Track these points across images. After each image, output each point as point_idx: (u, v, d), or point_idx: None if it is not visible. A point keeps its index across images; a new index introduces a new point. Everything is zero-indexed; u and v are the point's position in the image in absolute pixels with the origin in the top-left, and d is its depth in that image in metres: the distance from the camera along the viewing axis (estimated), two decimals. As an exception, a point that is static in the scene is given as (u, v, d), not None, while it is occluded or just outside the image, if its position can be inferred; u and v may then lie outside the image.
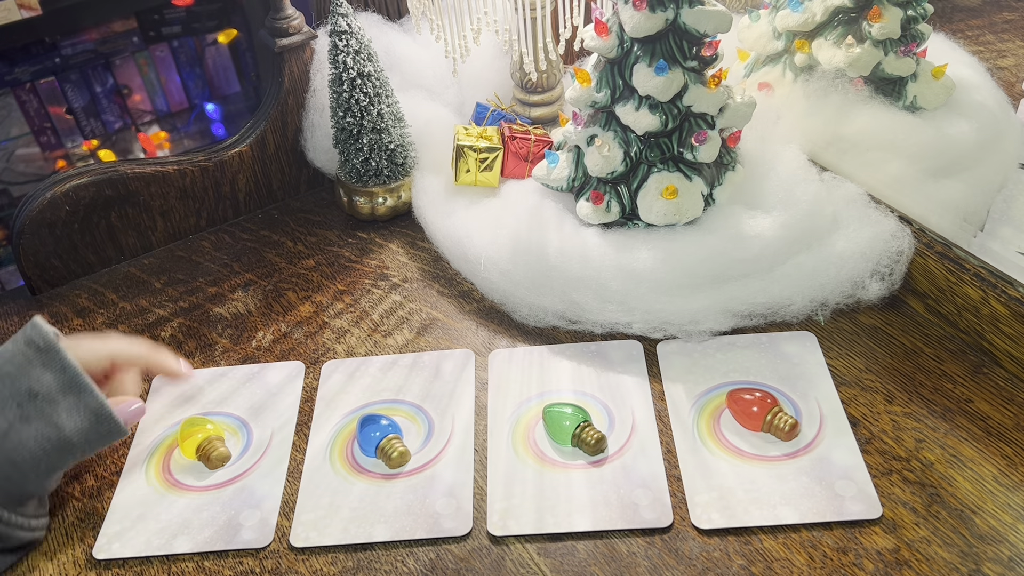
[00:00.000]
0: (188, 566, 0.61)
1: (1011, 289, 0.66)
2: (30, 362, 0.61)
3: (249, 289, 0.84)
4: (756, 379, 0.69)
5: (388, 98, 0.84)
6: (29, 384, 0.60)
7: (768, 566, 0.57)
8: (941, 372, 0.69)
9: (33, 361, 0.61)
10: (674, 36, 0.71)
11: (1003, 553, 0.57)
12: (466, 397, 0.70)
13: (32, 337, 0.62)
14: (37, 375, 0.61)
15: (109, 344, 0.67)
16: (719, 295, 0.72)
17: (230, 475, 0.66)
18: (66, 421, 0.60)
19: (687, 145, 0.73)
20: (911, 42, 0.78)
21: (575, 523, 0.60)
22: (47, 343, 0.61)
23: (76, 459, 0.62)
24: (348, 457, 0.67)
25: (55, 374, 0.61)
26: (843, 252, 0.73)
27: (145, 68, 1.97)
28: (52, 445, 0.60)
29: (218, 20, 1.99)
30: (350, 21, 0.80)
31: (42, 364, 0.61)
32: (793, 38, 0.83)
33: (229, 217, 0.92)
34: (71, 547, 0.63)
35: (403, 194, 0.88)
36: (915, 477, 0.62)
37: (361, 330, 0.78)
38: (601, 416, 0.68)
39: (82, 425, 0.61)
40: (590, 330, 0.74)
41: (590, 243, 0.74)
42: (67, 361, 0.61)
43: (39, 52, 1.87)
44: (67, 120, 1.93)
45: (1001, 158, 0.77)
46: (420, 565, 0.60)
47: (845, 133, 0.79)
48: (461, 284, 0.81)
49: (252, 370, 0.75)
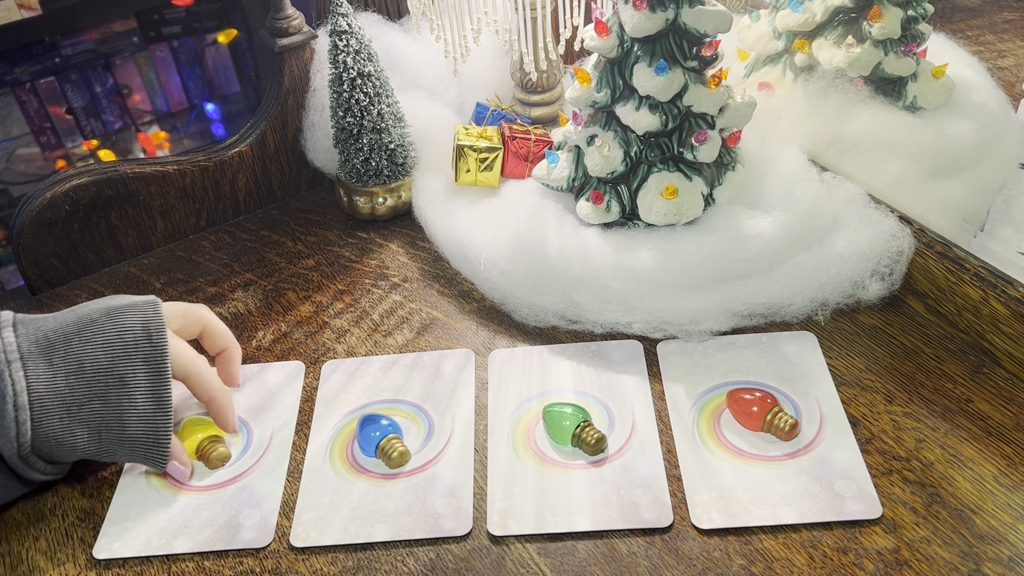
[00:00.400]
0: (188, 566, 0.61)
1: (1011, 289, 0.66)
2: (137, 346, 0.61)
3: (249, 289, 0.84)
4: (756, 379, 0.69)
5: (388, 98, 0.84)
6: (125, 369, 0.61)
7: (768, 566, 0.57)
8: (941, 372, 0.69)
9: (140, 347, 0.62)
10: (674, 36, 0.71)
11: (1003, 553, 0.57)
12: (466, 397, 0.70)
13: (150, 327, 0.62)
14: (135, 366, 0.61)
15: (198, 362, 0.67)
16: (719, 295, 0.72)
17: (230, 475, 0.66)
18: (130, 429, 0.61)
19: (687, 145, 0.73)
20: (911, 42, 0.78)
21: (575, 523, 0.60)
22: (159, 341, 0.62)
23: (111, 460, 0.64)
24: (348, 457, 0.67)
25: (148, 375, 0.62)
26: (843, 252, 0.73)
27: (145, 68, 1.97)
28: (108, 437, 0.61)
29: (218, 20, 1.99)
30: (350, 21, 0.80)
31: (144, 358, 0.62)
32: (793, 38, 0.83)
33: (229, 217, 0.92)
34: (71, 547, 0.63)
35: (403, 194, 0.88)
36: (915, 477, 0.62)
37: (361, 330, 0.78)
38: (601, 416, 0.68)
39: (139, 437, 0.62)
40: (590, 330, 0.74)
41: (590, 243, 0.74)
42: (165, 369, 0.62)
43: (39, 52, 1.87)
44: (67, 120, 1.93)
45: (1001, 158, 0.77)
46: (420, 565, 0.60)
47: (845, 133, 0.79)
48: (461, 284, 0.81)
49: (252, 370, 0.75)
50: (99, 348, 0.61)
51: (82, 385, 0.60)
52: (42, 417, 0.59)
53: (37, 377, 0.59)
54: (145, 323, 0.62)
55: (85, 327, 0.61)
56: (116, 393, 0.61)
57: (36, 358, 0.60)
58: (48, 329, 0.61)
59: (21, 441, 0.59)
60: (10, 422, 0.58)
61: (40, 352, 0.60)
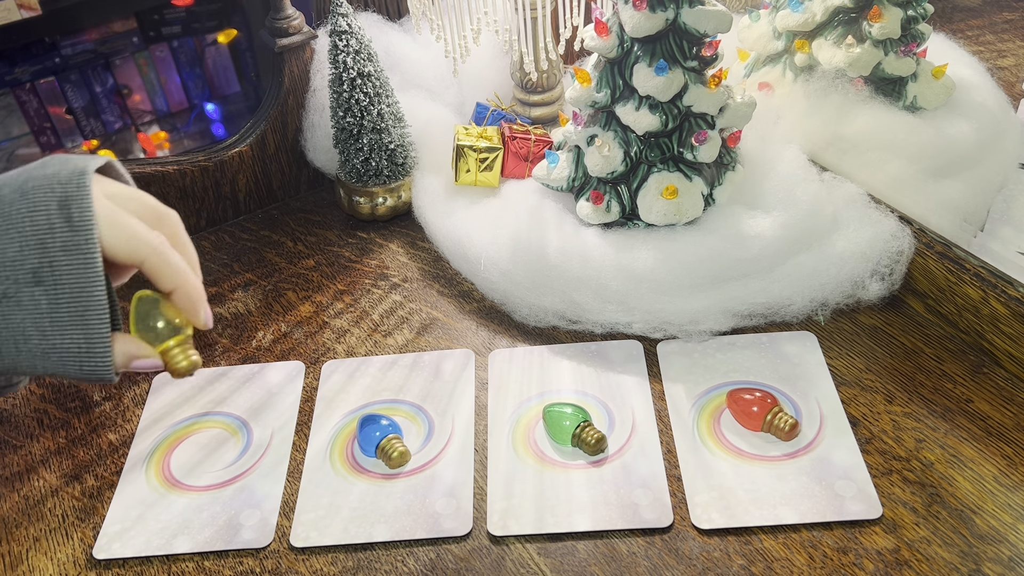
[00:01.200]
0: (188, 566, 0.61)
1: (1011, 289, 0.66)
2: (53, 231, 0.48)
3: (249, 289, 0.84)
4: (756, 379, 0.69)
5: (388, 98, 0.84)
6: (38, 263, 0.48)
7: (768, 566, 0.57)
8: (941, 372, 0.69)
9: (58, 232, 0.48)
10: (674, 36, 0.71)
11: (1003, 553, 0.57)
12: (466, 397, 0.70)
13: (71, 204, 0.48)
14: (52, 257, 0.48)
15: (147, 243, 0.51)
16: (719, 295, 0.72)
17: (230, 475, 0.66)
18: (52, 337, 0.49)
19: (687, 145, 0.73)
20: (911, 42, 0.78)
21: (575, 523, 0.60)
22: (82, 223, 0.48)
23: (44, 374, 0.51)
24: (348, 457, 0.67)
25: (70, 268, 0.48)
26: (843, 252, 0.73)
27: (145, 68, 1.97)
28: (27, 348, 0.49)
29: (218, 20, 1.99)
30: (350, 21, 0.80)
31: (63, 246, 0.48)
32: (793, 38, 0.83)
33: (229, 217, 0.92)
34: (71, 547, 0.63)
35: (403, 194, 0.88)
36: (915, 477, 0.62)
37: (361, 330, 0.78)
38: (601, 416, 0.68)
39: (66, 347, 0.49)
40: (590, 330, 0.74)
41: (590, 243, 0.74)
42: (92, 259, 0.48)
43: (39, 52, 1.87)
44: (67, 120, 1.93)
45: (1001, 158, 0.77)
46: (420, 565, 0.60)
47: (845, 133, 0.79)
48: (461, 284, 0.81)
49: (252, 370, 0.75)
50: (5, 235, 0.48)
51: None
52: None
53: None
54: (65, 199, 0.48)
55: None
56: (29, 292, 0.48)
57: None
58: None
59: None
60: None
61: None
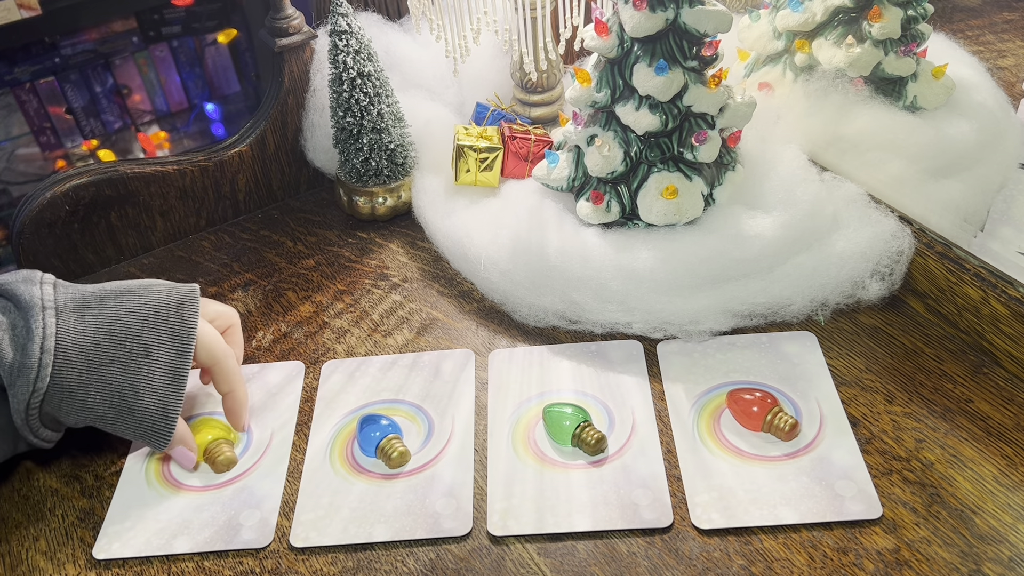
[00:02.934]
0: (188, 566, 0.61)
1: (1011, 289, 0.66)
2: (168, 321, 0.63)
3: (249, 289, 0.84)
4: (756, 379, 0.69)
5: (388, 98, 0.84)
6: (150, 341, 0.62)
7: (768, 566, 0.57)
8: (941, 372, 0.69)
9: (170, 322, 0.63)
10: (674, 36, 0.71)
11: (1003, 553, 0.57)
12: (466, 397, 0.70)
13: (183, 305, 0.64)
14: (161, 339, 0.62)
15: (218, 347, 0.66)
16: (719, 295, 0.72)
17: (230, 475, 0.66)
18: (142, 399, 0.62)
19: (687, 145, 0.73)
20: (911, 42, 0.78)
21: (575, 523, 0.60)
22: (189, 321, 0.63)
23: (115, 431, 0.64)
24: (348, 457, 0.67)
25: (171, 351, 0.63)
26: (843, 252, 0.73)
27: (145, 68, 1.97)
28: (120, 404, 0.62)
29: (218, 20, 1.99)
30: (350, 21, 0.80)
31: (170, 333, 0.63)
32: (793, 38, 0.83)
33: (229, 217, 0.92)
34: (71, 547, 0.63)
35: (403, 194, 0.88)
36: (915, 477, 0.62)
37: (361, 330, 0.78)
38: (601, 416, 0.68)
39: (148, 410, 0.63)
40: (590, 330, 0.74)
41: (590, 243, 0.74)
42: (188, 348, 0.63)
43: (39, 52, 1.87)
44: (67, 120, 1.93)
45: (1001, 158, 0.77)
46: (420, 565, 0.60)
47: (845, 133, 0.79)
48: (461, 284, 0.81)
49: (252, 370, 0.75)
50: (130, 314, 0.62)
51: (107, 346, 0.61)
52: (63, 366, 0.60)
53: (67, 328, 0.61)
54: (179, 301, 0.64)
55: (122, 295, 0.63)
56: (137, 361, 0.62)
57: (70, 311, 0.62)
58: (87, 291, 0.63)
59: (37, 386, 0.60)
60: (33, 363, 0.59)
61: (75, 308, 0.62)
